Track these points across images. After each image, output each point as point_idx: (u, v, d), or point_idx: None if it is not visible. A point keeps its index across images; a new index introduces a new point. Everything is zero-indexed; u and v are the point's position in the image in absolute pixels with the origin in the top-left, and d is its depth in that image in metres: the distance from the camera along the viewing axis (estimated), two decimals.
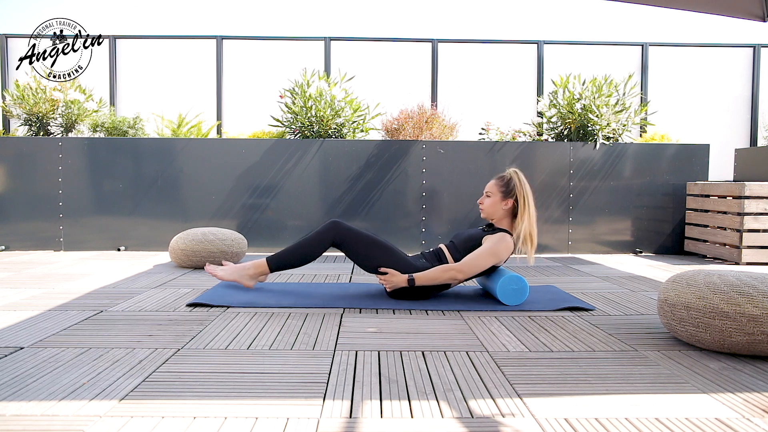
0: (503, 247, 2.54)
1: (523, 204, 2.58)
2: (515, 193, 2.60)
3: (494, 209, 2.63)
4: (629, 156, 4.62)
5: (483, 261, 2.52)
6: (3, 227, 4.47)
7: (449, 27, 9.76)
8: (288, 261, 2.64)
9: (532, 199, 2.61)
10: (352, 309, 2.47)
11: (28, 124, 4.72)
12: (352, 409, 1.38)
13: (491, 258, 2.53)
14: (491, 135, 4.97)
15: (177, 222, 4.48)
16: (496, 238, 2.55)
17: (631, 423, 1.32)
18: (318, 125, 4.62)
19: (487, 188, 2.66)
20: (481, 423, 1.31)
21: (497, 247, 2.53)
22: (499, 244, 2.54)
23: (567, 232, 4.59)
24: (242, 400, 1.42)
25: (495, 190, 2.63)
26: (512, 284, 2.54)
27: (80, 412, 1.34)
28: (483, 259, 2.52)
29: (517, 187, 2.60)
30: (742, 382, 1.60)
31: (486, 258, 2.52)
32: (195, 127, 4.93)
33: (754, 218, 3.96)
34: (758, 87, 5.75)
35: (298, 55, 5.60)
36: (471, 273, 2.54)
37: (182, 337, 1.98)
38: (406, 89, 5.55)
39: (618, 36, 7.80)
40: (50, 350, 1.82)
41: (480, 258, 2.52)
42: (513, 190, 2.60)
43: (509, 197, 2.60)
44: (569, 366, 1.72)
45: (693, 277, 1.92)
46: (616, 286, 3.13)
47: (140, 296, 2.69)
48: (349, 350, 1.86)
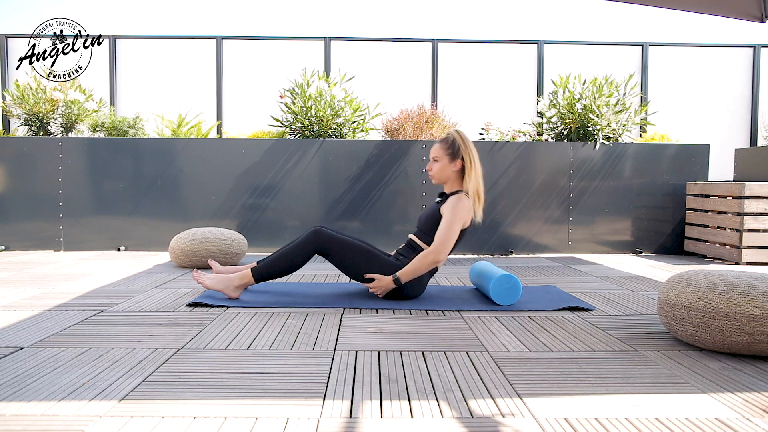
0: (462, 208, 2.54)
1: (469, 162, 2.60)
2: (461, 153, 2.61)
3: (444, 173, 2.64)
4: (629, 156, 4.61)
5: (451, 233, 2.53)
6: (3, 227, 4.47)
7: (449, 27, 9.76)
8: (272, 272, 2.62)
9: (476, 155, 2.62)
10: (352, 309, 2.47)
11: (28, 124, 4.72)
12: (352, 409, 1.38)
13: (457, 225, 2.53)
14: (491, 135, 4.97)
15: (177, 222, 4.48)
16: (452, 203, 2.55)
17: (631, 423, 1.32)
18: (318, 125, 4.62)
19: (433, 153, 2.67)
20: (481, 423, 1.31)
21: (457, 212, 2.53)
22: (457, 207, 2.54)
23: (567, 232, 4.59)
24: (242, 400, 1.42)
25: (442, 154, 2.63)
26: (504, 284, 2.54)
27: (80, 412, 1.34)
28: (450, 231, 2.52)
29: (462, 147, 2.61)
30: (742, 382, 1.60)
31: (452, 228, 2.52)
32: (195, 127, 4.93)
33: (754, 218, 3.96)
34: (758, 87, 5.75)
35: (298, 55, 5.61)
36: (447, 249, 2.54)
37: (182, 337, 1.98)
38: (406, 89, 5.55)
39: (618, 36, 7.80)
40: (50, 350, 1.82)
41: (446, 231, 2.52)
42: (459, 151, 2.61)
43: (457, 158, 2.61)
44: (569, 366, 1.72)
45: (693, 277, 1.92)
46: (616, 286, 3.13)
47: (140, 296, 2.69)
48: (349, 350, 1.86)
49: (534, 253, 4.58)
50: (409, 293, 2.61)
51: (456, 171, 2.63)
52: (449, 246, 2.54)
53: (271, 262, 2.61)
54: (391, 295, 2.61)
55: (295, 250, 2.59)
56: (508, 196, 4.55)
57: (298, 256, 2.59)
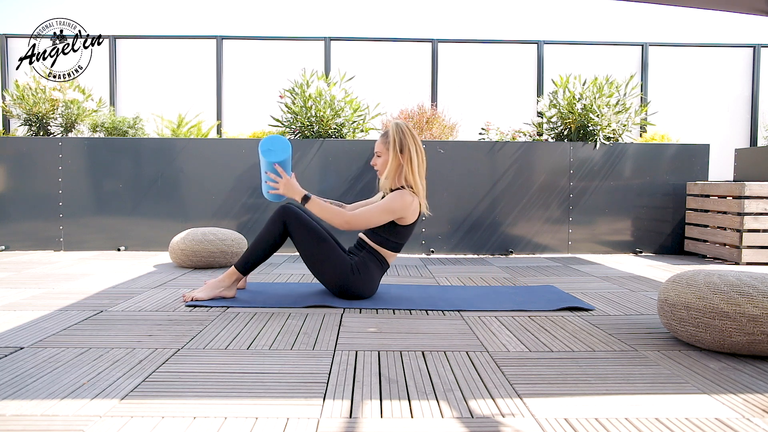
0: (398, 201, 2.49)
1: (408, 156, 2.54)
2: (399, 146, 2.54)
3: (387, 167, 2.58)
4: (629, 156, 4.62)
5: (374, 216, 2.50)
6: (3, 227, 4.47)
7: (449, 27, 9.76)
8: (253, 257, 2.58)
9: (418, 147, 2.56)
10: (352, 309, 2.47)
11: (28, 124, 4.72)
12: (352, 409, 1.38)
13: (384, 214, 2.50)
14: (491, 135, 4.97)
15: (177, 222, 4.48)
16: (392, 195, 2.53)
17: (631, 423, 1.32)
18: (318, 125, 4.62)
19: (375, 148, 2.64)
20: (481, 423, 1.31)
21: (390, 203, 2.50)
22: (391, 198, 2.51)
23: (567, 232, 4.59)
24: (242, 400, 1.42)
25: (383, 149, 2.60)
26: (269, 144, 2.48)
27: (80, 412, 1.34)
28: (375, 214, 2.50)
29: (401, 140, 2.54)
30: (742, 382, 1.60)
31: (379, 213, 2.50)
32: (195, 127, 4.93)
33: (754, 218, 3.96)
34: (758, 87, 5.75)
35: (298, 55, 5.61)
36: (359, 225, 2.51)
37: (182, 337, 1.98)
38: (406, 89, 5.56)
39: (618, 36, 7.80)
40: (50, 350, 1.82)
41: (370, 212, 2.51)
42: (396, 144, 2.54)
43: (396, 152, 2.55)
44: (569, 366, 1.72)
45: (693, 277, 1.92)
46: (616, 286, 3.13)
47: (140, 296, 2.69)
48: (349, 350, 1.86)
49: (534, 253, 4.58)
50: (360, 293, 2.59)
51: (398, 165, 2.57)
52: (364, 224, 2.51)
53: (250, 250, 2.59)
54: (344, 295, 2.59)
55: (267, 229, 2.56)
56: (508, 196, 4.55)
57: (272, 232, 2.55)
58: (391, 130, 2.58)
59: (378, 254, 2.61)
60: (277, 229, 2.55)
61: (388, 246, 2.60)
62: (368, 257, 2.59)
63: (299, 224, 2.54)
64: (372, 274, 2.59)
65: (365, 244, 2.64)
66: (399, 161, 2.56)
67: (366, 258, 2.59)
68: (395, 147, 2.55)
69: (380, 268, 2.63)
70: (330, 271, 2.56)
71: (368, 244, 2.63)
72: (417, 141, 2.59)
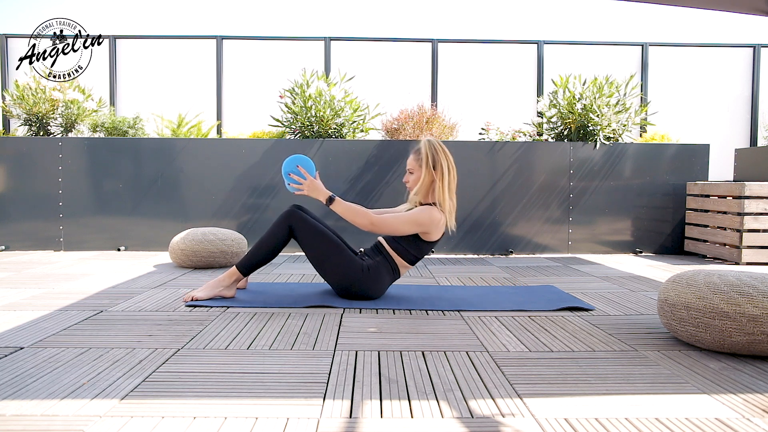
0: (425, 215, 2.49)
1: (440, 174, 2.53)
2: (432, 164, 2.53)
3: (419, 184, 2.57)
4: (629, 156, 4.61)
5: (400, 225, 2.49)
6: (3, 227, 4.47)
7: (449, 27, 9.75)
8: (256, 259, 2.58)
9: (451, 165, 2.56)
10: (352, 309, 2.47)
11: (28, 124, 4.72)
12: (352, 409, 1.38)
13: (409, 225, 2.49)
14: (491, 135, 4.97)
15: (177, 222, 4.48)
16: (422, 208, 2.52)
17: (631, 423, 1.32)
18: (318, 125, 4.62)
19: (408, 165, 2.63)
20: (481, 423, 1.31)
21: (418, 215, 2.49)
22: (420, 212, 2.50)
23: (567, 232, 4.59)
24: (242, 400, 1.42)
25: (415, 166, 2.59)
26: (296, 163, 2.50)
27: (80, 412, 1.34)
28: (401, 223, 2.49)
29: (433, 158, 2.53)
30: (742, 382, 1.60)
31: (404, 223, 2.49)
32: (195, 127, 4.93)
33: (754, 218, 3.96)
34: (758, 87, 5.75)
35: (298, 55, 5.61)
36: (383, 230, 2.49)
37: (182, 337, 1.98)
38: (406, 89, 5.55)
39: (618, 36, 7.80)
40: (50, 350, 1.82)
41: (397, 219, 2.50)
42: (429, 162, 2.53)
43: (429, 169, 2.54)
44: (569, 366, 1.72)
45: (693, 277, 1.92)
46: (616, 286, 3.13)
47: (140, 296, 2.69)
48: (349, 350, 1.86)
49: (534, 253, 4.58)
50: (368, 294, 2.59)
51: (431, 181, 2.57)
52: (387, 230, 2.50)
53: (253, 251, 2.58)
54: (349, 295, 2.60)
55: (273, 230, 2.56)
56: (508, 196, 4.55)
57: (277, 234, 2.55)
58: (423, 147, 2.57)
59: (393, 262, 2.61)
60: (282, 232, 2.55)
61: (405, 257, 2.60)
62: (383, 262, 2.59)
63: (306, 227, 2.54)
64: (383, 278, 2.60)
65: (383, 249, 2.63)
66: (432, 177, 2.55)
67: (380, 263, 2.58)
68: (428, 163, 2.54)
69: (391, 276, 2.64)
70: (338, 270, 2.56)
71: (386, 249, 2.62)
72: (449, 157, 2.58)
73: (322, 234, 2.55)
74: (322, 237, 2.55)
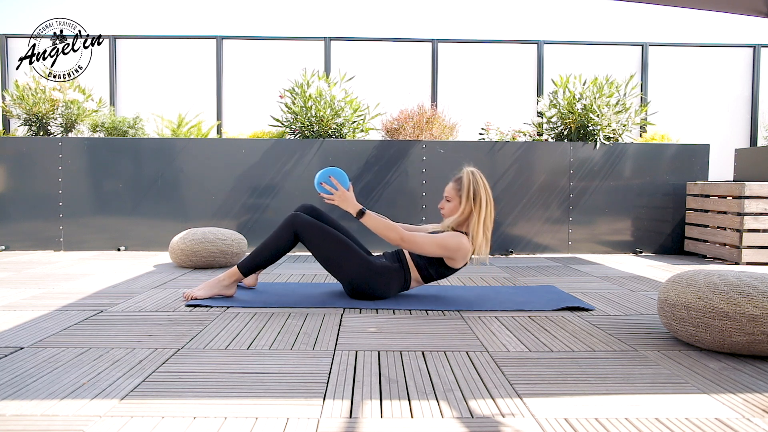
0: (454, 242, 2.48)
1: (478, 208, 2.52)
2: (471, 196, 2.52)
3: (455, 213, 2.57)
4: (629, 156, 4.62)
5: (428, 246, 2.49)
6: (3, 227, 4.47)
7: (449, 27, 9.75)
8: (257, 260, 2.58)
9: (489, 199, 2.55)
10: (352, 309, 2.47)
11: (28, 124, 4.72)
12: (352, 409, 1.38)
13: (437, 247, 2.49)
14: (491, 135, 4.97)
15: (177, 222, 4.48)
16: (450, 233, 2.52)
17: (631, 423, 1.32)
18: (318, 125, 4.62)
19: (446, 192, 2.62)
20: (481, 423, 1.31)
21: (447, 240, 2.49)
22: (450, 238, 2.49)
23: (567, 232, 4.59)
24: (242, 400, 1.42)
25: (453, 195, 2.58)
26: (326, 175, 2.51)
27: (80, 412, 1.34)
28: (429, 244, 2.49)
29: (473, 190, 2.53)
30: (742, 382, 1.60)
31: (432, 245, 2.49)
32: (195, 127, 4.93)
33: (754, 218, 3.96)
34: (758, 87, 5.75)
35: (298, 55, 5.60)
36: (411, 247, 2.50)
37: (182, 337, 1.98)
38: (406, 89, 5.55)
39: (618, 36, 7.80)
40: (50, 350, 1.82)
41: (426, 240, 2.49)
42: (469, 193, 2.53)
43: (467, 200, 2.53)
44: (569, 366, 1.72)
45: (693, 277, 1.92)
46: (616, 286, 3.13)
47: (140, 296, 2.69)
48: (349, 350, 1.86)
49: (534, 253, 4.58)
50: (376, 293, 2.59)
51: (469, 213, 2.55)
52: (415, 248, 2.50)
53: (256, 253, 2.59)
54: (358, 295, 2.60)
55: (276, 234, 2.56)
56: (508, 196, 4.55)
57: (280, 239, 2.55)
58: (465, 177, 2.55)
59: (409, 274, 2.61)
60: (286, 236, 2.56)
61: (423, 273, 2.61)
62: (398, 270, 2.59)
63: (311, 230, 2.54)
64: (392, 283, 2.60)
65: (404, 258, 2.63)
66: (470, 209, 2.54)
67: (395, 269, 2.59)
68: (468, 195, 2.53)
69: (400, 286, 2.64)
70: (347, 269, 2.56)
71: (406, 260, 2.62)
72: (488, 192, 2.57)
73: (328, 234, 2.56)
74: (329, 237, 2.55)
